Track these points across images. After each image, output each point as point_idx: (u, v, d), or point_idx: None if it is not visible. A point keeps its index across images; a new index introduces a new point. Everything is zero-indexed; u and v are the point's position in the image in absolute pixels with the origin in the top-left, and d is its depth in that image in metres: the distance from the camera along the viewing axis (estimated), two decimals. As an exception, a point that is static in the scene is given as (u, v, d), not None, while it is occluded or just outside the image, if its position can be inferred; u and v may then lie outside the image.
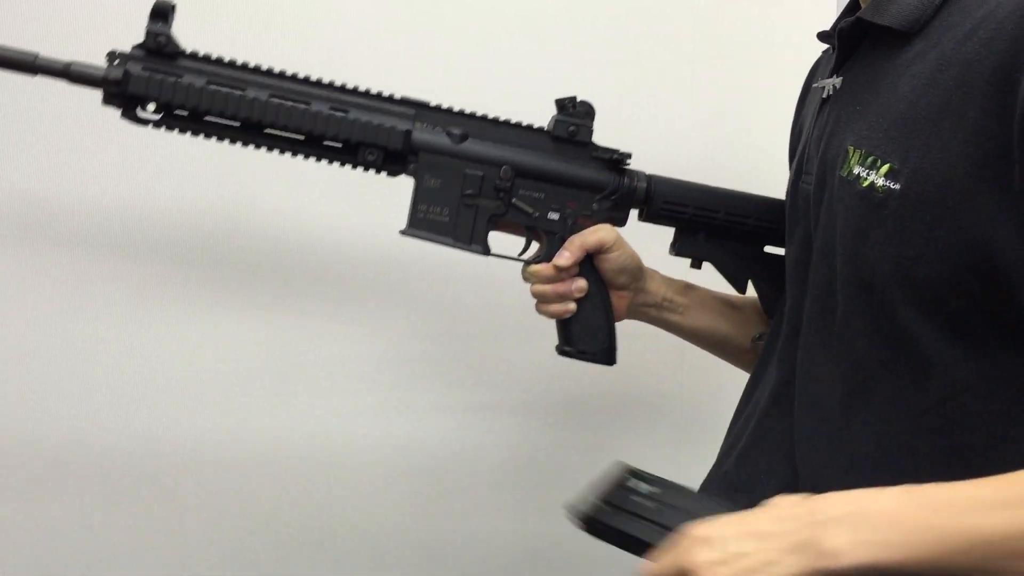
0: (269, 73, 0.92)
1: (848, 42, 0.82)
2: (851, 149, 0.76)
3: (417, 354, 1.27)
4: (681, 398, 1.41)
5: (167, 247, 1.20)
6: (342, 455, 1.28)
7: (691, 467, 0.98)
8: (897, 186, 0.70)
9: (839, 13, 0.91)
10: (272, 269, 1.24)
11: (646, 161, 1.02)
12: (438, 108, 0.97)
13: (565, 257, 0.98)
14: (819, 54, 1.01)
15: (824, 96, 0.85)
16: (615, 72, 1.34)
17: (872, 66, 0.78)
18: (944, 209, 0.67)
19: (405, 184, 0.96)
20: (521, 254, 1.03)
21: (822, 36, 0.93)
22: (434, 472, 1.32)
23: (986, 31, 0.66)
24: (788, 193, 0.93)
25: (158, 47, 0.89)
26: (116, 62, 0.88)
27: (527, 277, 1.01)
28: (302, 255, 1.25)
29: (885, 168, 0.71)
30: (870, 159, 0.73)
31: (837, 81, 0.83)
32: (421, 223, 0.96)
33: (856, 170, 0.74)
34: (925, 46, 0.71)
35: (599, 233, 0.99)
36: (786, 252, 0.93)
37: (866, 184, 0.72)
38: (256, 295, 1.23)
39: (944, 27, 0.70)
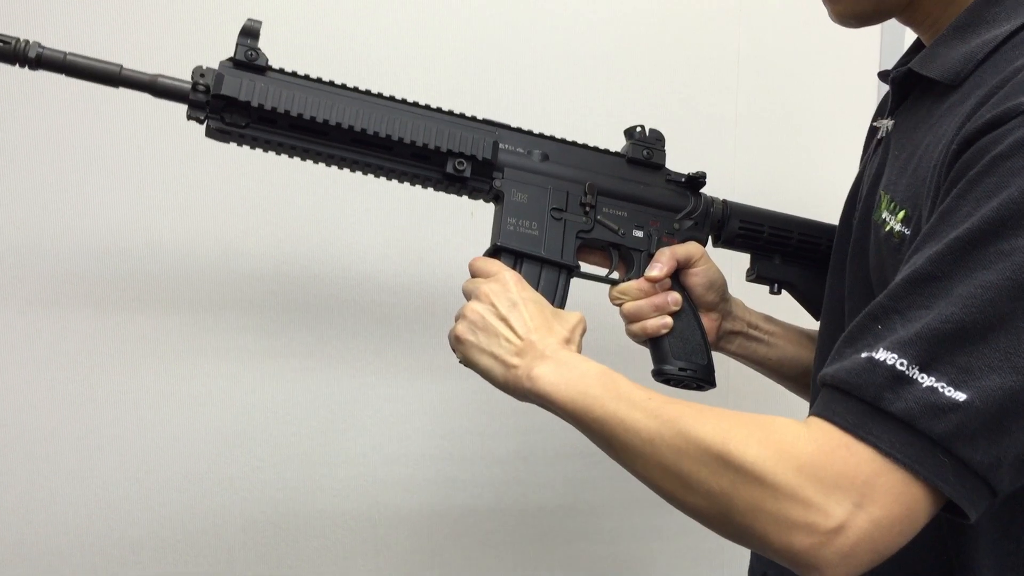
0: (355, 90, 0.92)
1: (902, 88, 0.85)
2: (882, 193, 0.78)
3: (464, 394, 1.22)
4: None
5: (211, 293, 1.16)
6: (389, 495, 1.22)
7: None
8: (908, 231, 0.72)
9: (895, 53, 0.94)
10: (315, 311, 1.21)
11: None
12: (519, 129, 0.97)
13: (658, 268, 0.95)
14: (863, 93, 1.06)
15: (879, 137, 0.88)
16: (660, 107, 1.37)
17: (917, 115, 0.81)
18: None
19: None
20: (608, 274, 1.00)
21: (883, 76, 0.95)
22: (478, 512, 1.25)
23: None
24: (840, 227, 0.93)
25: (248, 60, 0.88)
26: (202, 76, 0.87)
27: (616, 297, 0.97)
28: (345, 295, 1.22)
29: (902, 214, 0.73)
30: (892, 204, 0.75)
31: (890, 124, 0.86)
32: (512, 236, 0.93)
33: (884, 214, 0.76)
34: (958, 99, 0.74)
35: (688, 246, 0.97)
36: (827, 282, 0.93)
37: (887, 229, 0.75)
38: (299, 337, 1.20)
39: (977, 83, 0.72)
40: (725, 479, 0.62)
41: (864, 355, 0.60)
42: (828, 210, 1.07)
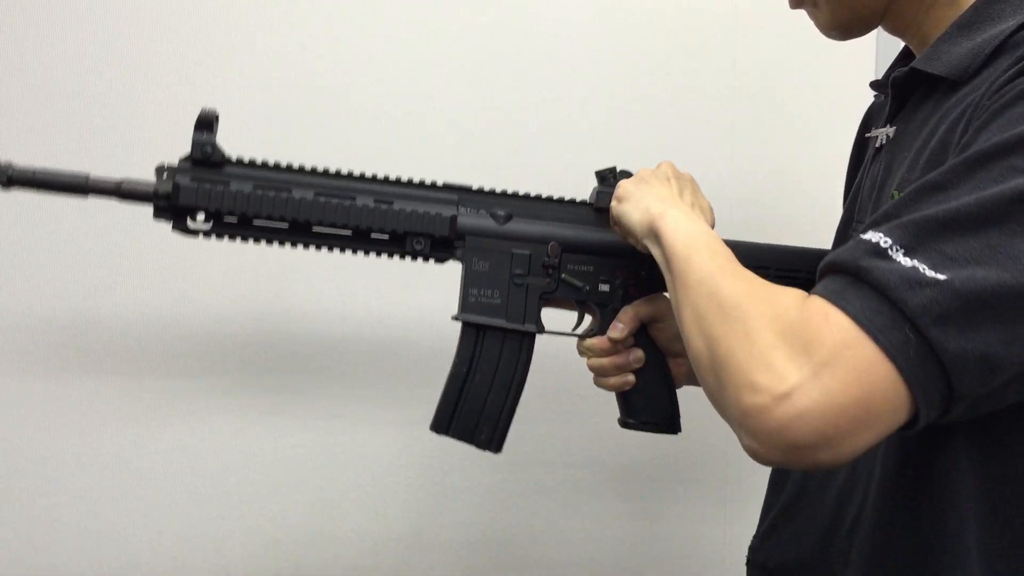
0: (313, 172, 0.94)
1: (902, 91, 0.83)
2: (895, 193, 0.76)
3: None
4: (727, 455, 1.38)
5: (200, 356, 1.23)
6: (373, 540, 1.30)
7: (735, 523, 0.96)
8: None
9: (892, 62, 0.92)
10: (304, 370, 1.26)
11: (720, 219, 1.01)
12: (480, 191, 0.97)
13: (619, 329, 0.97)
14: (859, 102, 1.01)
15: (878, 145, 0.85)
16: (650, 123, 1.35)
17: (921, 113, 0.79)
18: None
19: (439, 276, 0.97)
20: (575, 328, 1.02)
21: (875, 85, 0.94)
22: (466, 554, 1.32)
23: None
24: (835, 243, 0.92)
25: (204, 157, 0.90)
26: (165, 176, 0.90)
27: (583, 352, 1.00)
28: (334, 355, 1.27)
29: None
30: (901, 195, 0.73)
31: (891, 131, 0.83)
32: (473, 307, 0.96)
33: None
34: (968, 91, 0.72)
35: (652, 302, 0.98)
36: None
37: None
38: (287, 397, 1.26)
39: (988, 76, 0.70)
40: (724, 326, 0.65)
41: (861, 235, 0.61)
42: (824, 219, 1.05)
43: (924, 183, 0.61)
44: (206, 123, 0.91)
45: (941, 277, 0.56)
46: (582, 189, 1.03)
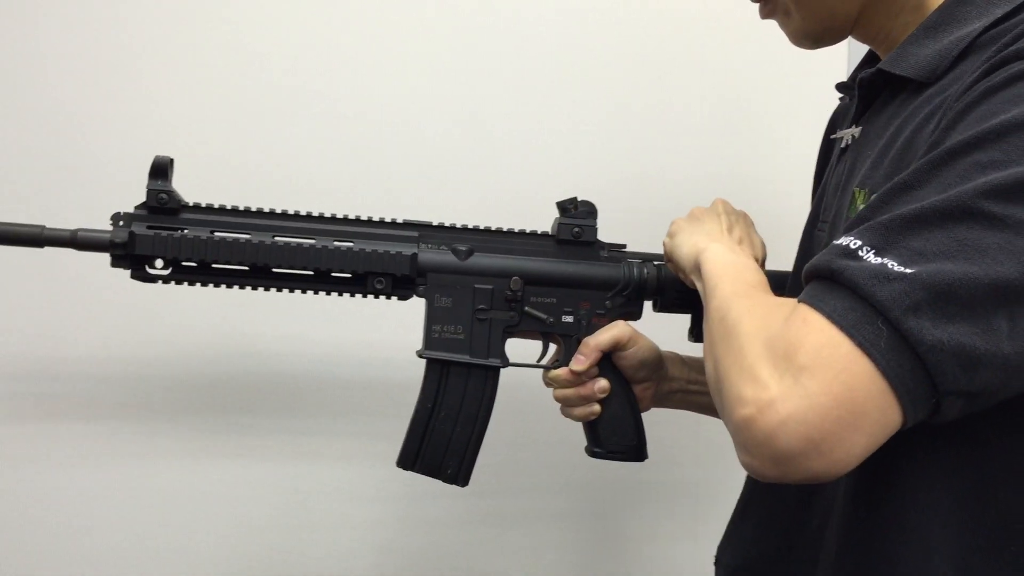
0: (271, 214, 0.93)
1: (868, 92, 0.83)
2: (856, 190, 0.76)
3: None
4: (696, 475, 1.39)
5: (161, 397, 1.23)
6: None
7: (709, 539, 0.96)
8: None
9: (856, 65, 0.92)
10: (269, 409, 1.26)
11: (661, 222, 1.01)
12: (441, 227, 0.97)
13: (580, 361, 0.97)
14: (830, 106, 1.01)
15: (843, 146, 0.86)
16: (625, 132, 1.35)
17: (887, 113, 0.79)
18: None
19: (407, 309, 0.97)
20: (540, 359, 1.03)
21: (841, 87, 0.94)
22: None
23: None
24: (802, 241, 0.92)
25: (160, 204, 0.90)
26: (120, 223, 0.90)
27: (548, 383, 1.01)
28: (300, 392, 1.27)
29: None
30: (872, 196, 0.72)
31: (856, 131, 0.84)
32: (437, 343, 0.96)
33: (860, 208, 0.73)
34: (936, 92, 0.72)
35: (612, 331, 0.98)
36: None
37: None
38: (252, 437, 1.26)
39: (956, 77, 0.71)
40: (723, 345, 0.66)
41: (835, 241, 0.62)
42: (794, 220, 1.05)
43: (893, 185, 0.62)
44: (160, 170, 0.90)
45: (909, 271, 0.56)
46: (545, 203, 1.03)
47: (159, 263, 0.91)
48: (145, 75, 1.20)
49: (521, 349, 1.01)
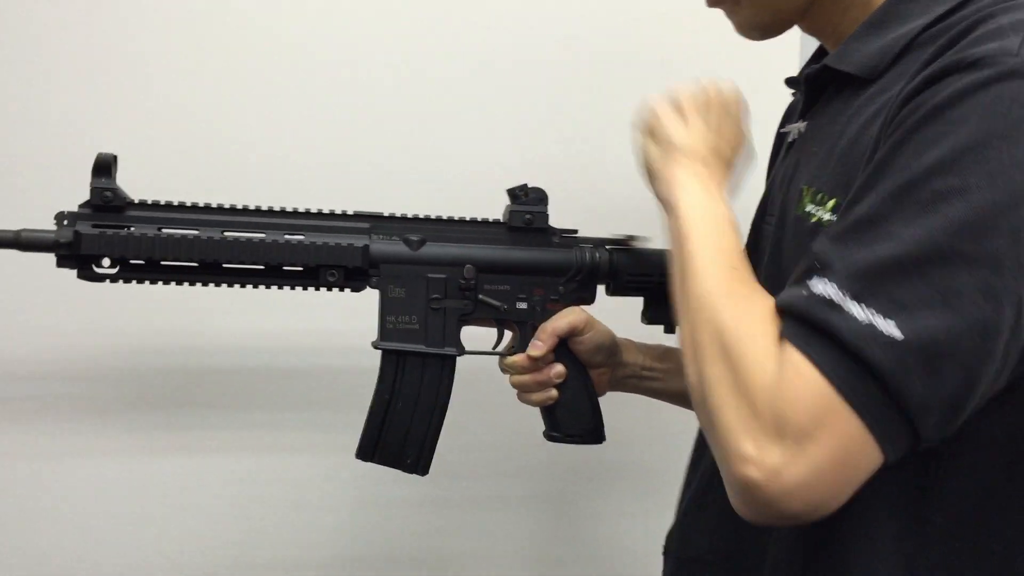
0: (220, 209, 0.92)
1: (814, 87, 0.84)
2: (804, 188, 0.77)
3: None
4: (652, 457, 1.41)
5: (121, 390, 1.22)
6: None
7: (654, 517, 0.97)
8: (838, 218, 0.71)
9: (805, 60, 0.93)
10: (229, 402, 1.27)
11: (611, 208, 1.01)
12: (392, 217, 0.97)
13: (537, 347, 0.98)
14: (783, 101, 1.02)
15: (790, 140, 0.87)
16: (577, 122, 1.36)
17: (831, 110, 0.80)
18: None
19: (367, 295, 0.97)
20: (495, 346, 1.03)
21: (789, 82, 0.95)
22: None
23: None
24: (750, 235, 0.93)
25: (104, 202, 0.89)
26: (65, 222, 0.88)
27: (504, 369, 1.01)
28: (258, 385, 1.27)
29: (831, 203, 0.72)
30: (819, 196, 0.74)
31: (802, 126, 0.85)
32: (392, 334, 0.96)
33: (808, 207, 0.75)
34: (877, 90, 0.73)
35: (568, 317, 0.99)
36: None
37: (814, 220, 0.73)
38: (211, 431, 1.26)
39: (898, 74, 0.72)
40: (718, 368, 0.65)
41: (808, 281, 0.62)
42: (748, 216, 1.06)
43: (855, 219, 0.62)
44: (104, 168, 0.89)
45: (897, 334, 0.57)
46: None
47: (106, 262, 0.90)
48: (86, 69, 1.18)
49: (477, 337, 1.02)
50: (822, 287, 0.60)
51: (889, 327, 0.57)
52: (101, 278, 0.90)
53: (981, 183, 0.58)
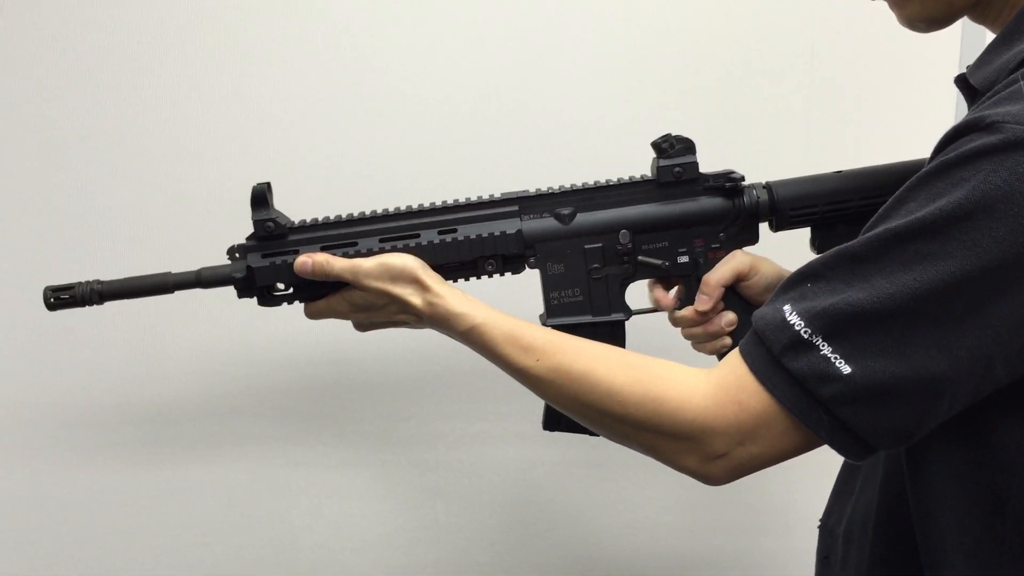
0: (373, 218, 0.95)
1: (966, 93, 0.80)
2: None
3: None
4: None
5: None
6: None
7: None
8: None
9: (974, 52, 0.86)
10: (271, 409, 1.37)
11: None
12: (539, 194, 0.96)
13: (704, 301, 0.96)
14: (940, 93, 0.98)
15: None
16: (731, 97, 1.33)
17: None
18: None
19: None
20: (663, 301, 1.02)
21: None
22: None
23: None
24: None
25: (267, 232, 0.93)
26: (237, 255, 0.93)
27: (675, 323, 1.00)
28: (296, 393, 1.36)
29: None
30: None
31: None
32: (558, 309, 0.96)
33: None
34: None
35: (731, 264, 0.96)
36: None
37: None
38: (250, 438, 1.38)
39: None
40: (625, 427, 0.76)
41: (786, 307, 0.68)
42: None
43: (849, 250, 0.66)
44: (260, 199, 0.92)
45: (847, 371, 0.64)
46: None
47: (280, 285, 0.95)
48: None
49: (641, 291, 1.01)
50: (790, 313, 0.67)
51: (842, 365, 0.64)
52: (279, 301, 0.95)
53: (957, 253, 0.61)
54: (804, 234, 1.01)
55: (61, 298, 0.93)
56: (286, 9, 1.26)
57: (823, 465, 0.93)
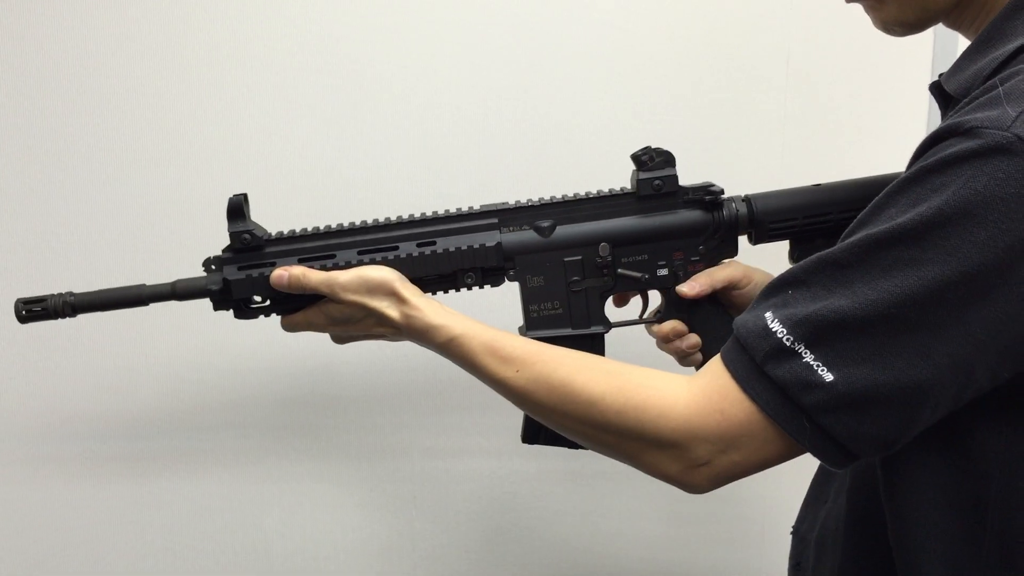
0: (351, 230, 0.94)
1: (940, 100, 0.80)
2: None
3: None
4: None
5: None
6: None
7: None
8: None
9: (948, 59, 0.88)
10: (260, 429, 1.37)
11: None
12: (519, 207, 0.96)
13: (693, 286, 0.97)
14: (914, 99, 0.97)
15: None
16: (706, 105, 1.33)
17: None
18: None
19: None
20: (641, 314, 1.02)
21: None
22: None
23: None
24: None
25: (244, 244, 0.91)
26: (213, 267, 0.92)
27: (654, 335, 1.00)
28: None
29: None
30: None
31: None
32: (537, 322, 0.96)
33: None
34: None
35: (727, 270, 0.97)
36: None
37: None
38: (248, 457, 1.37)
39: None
40: (607, 436, 0.75)
41: (768, 314, 0.68)
42: None
43: (830, 255, 0.66)
44: (237, 211, 0.91)
45: (829, 379, 0.64)
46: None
47: (257, 298, 0.94)
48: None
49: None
50: (772, 320, 0.67)
51: (825, 373, 0.64)
52: (255, 314, 0.94)
53: (937, 258, 0.61)
54: (783, 247, 1.01)
55: (33, 311, 0.91)
56: (267, 21, 1.25)
57: (798, 474, 0.94)
